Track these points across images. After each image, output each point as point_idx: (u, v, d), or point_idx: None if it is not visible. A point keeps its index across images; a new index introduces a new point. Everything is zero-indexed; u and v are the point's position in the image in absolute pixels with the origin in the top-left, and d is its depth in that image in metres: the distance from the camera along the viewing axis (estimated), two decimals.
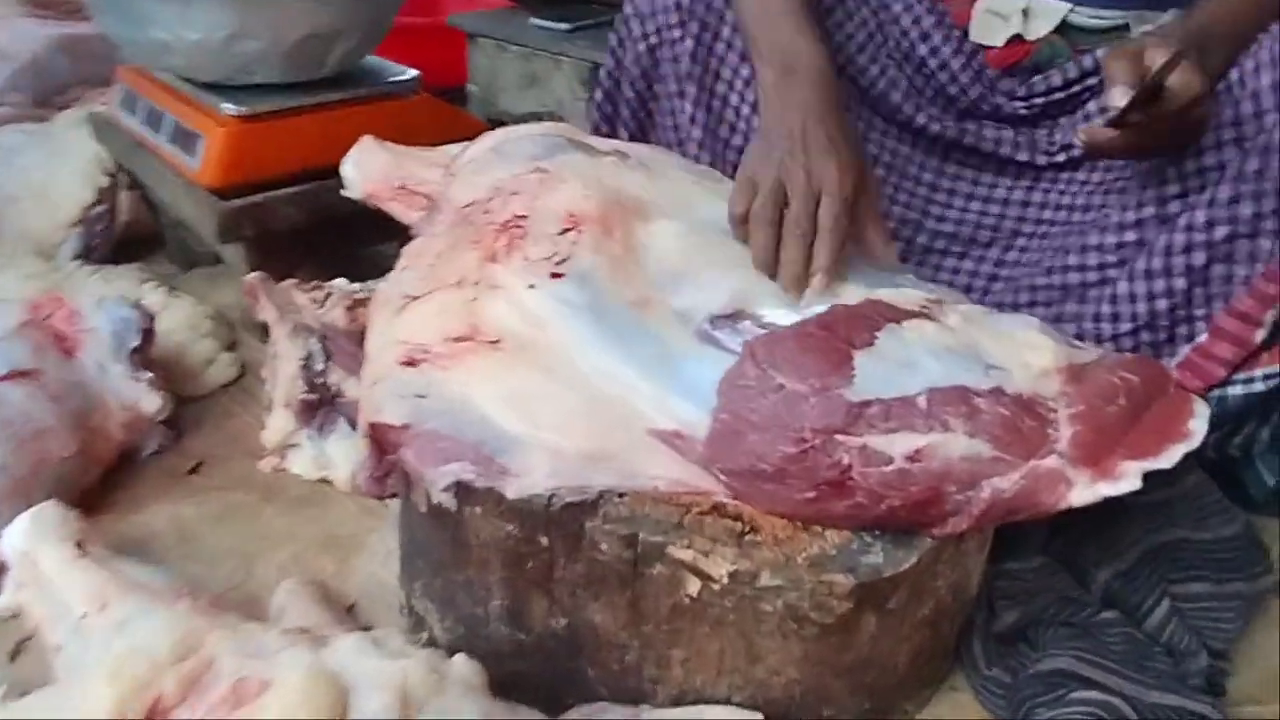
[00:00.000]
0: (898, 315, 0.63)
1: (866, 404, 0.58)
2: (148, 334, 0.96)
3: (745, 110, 0.90)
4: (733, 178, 0.79)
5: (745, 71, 0.89)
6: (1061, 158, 0.88)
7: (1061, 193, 0.88)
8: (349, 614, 0.79)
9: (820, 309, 0.66)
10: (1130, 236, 0.79)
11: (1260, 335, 0.72)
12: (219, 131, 1.05)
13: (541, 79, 1.55)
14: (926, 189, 0.93)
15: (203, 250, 1.33)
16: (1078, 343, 0.67)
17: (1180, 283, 0.75)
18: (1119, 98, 0.67)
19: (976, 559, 0.67)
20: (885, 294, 0.66)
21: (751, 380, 0.61)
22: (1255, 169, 0.70)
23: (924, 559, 0.59)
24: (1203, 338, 0.75)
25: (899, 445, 0.57)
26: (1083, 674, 0.67)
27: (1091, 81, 0.83)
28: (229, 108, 1.06)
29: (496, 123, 1.31)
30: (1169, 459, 0.56)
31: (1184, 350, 0.76)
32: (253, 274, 1.00)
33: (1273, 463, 0.82)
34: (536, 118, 1.29)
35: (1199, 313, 0.76)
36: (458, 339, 0.67)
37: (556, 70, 1.52)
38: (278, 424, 0.94)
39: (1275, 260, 0.70)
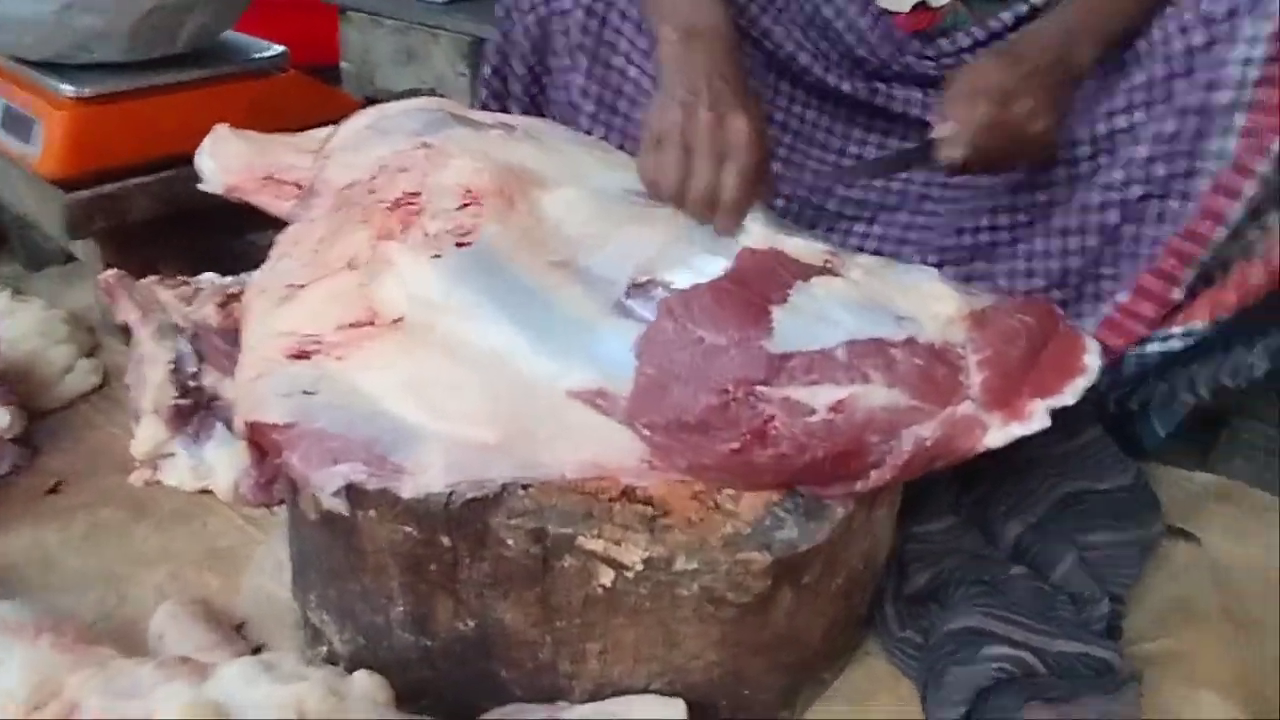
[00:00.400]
0: (805, 272, 0.63)
1: (787, 356, 0.58)
2: None
3: (645, 83, 0.87)
4: (625, 150, 0.77)
5: (641, 42, 0.87)
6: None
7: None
8: (238, 633, 0.73)
9: (726, 263, 0.65)
10: (1040, 197, 0.81)
11: (1178, 294, 0.74)
12: (57, 115, 0.96)
13: (419, 54, 1.48)
14: (835, 155, 0.94)
15: (51, 248, 1.21)
16: (970, 288, 0.68)
17: (1093, 240, 0.77)
18: (950, 149, 0.72)
19: (887, 525, 0.68)
20: (785, 242, 0.66)
21: (670, 334, 0.60)
22: (1172, 131, 0.72)
23: (837, 529, 0.59)
24: (1124, 297, 0.77)
25: (821, 397, 0.57)
26: (992, 630, 0.68)
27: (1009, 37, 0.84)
28: (68, 89, 0.96)
29: (372, 101, 1.24)
30: (1072, 394, 0.58)
31: (1103, 309, 0.78)
32: (109, 271, 0.91)
33: (1165, 416, 0.86)
34: (416, 95, 1.23)
35: (1106, 271, 0.78)
36: (354, 324, 0.62)
37: (435, 45, 1.45)
38: (147, 433, 0.87)
39: (1191, 220, 0.72)
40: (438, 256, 0.65)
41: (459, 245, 0.65)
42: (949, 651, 0.68)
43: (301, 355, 0.61)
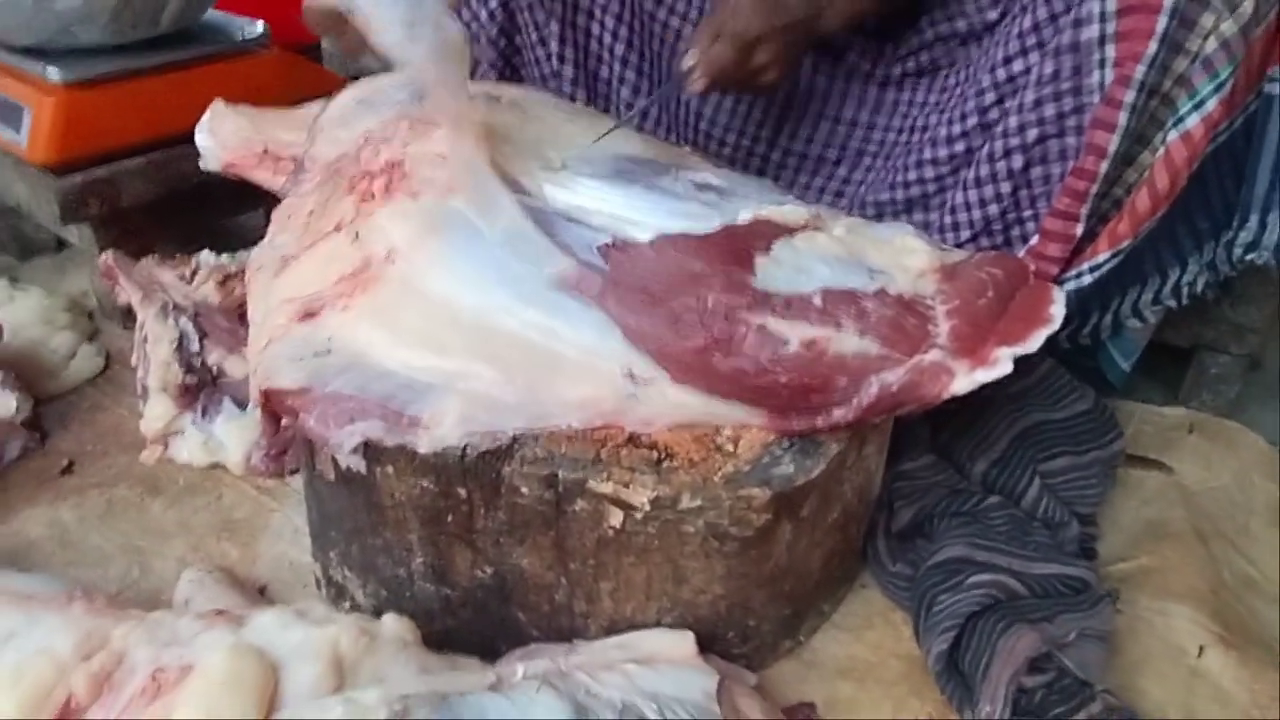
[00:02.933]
0: (790, 230, 0.66)
1: (768, 294, 0.61)
2: None
3: (618, 49, 0.89)
4: (607, 111, 0.78)
5: (605, 1, 0.88)
6: (897, 70, 0.91)
7: (904, 115, 0.93)
8: (262, 596, 0.76)
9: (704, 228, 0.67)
10: (959, 147, 0.84)
11: (1079, 229, 0.77)
12: (46, 102, 0.96)
13: None
14: (779, 109, 0.96)
15: (41, 237, 1.22)
16: (945, 246, 0.71)
17: (1005, 186, 0.80)
18: (690, 84, 0.77)
19: (877, 461, 0.71)
20: (770, 212, 0.68)
21: (651, 257, 0.63)
22: (1051, 71, 0.74)
23: (831, 465, 0.63)
24: (1034, 240, 0.80)
25: (796, 332, 0.60)
26: (976, 558, 0.72)
27: None
28: (55, 74, 0.96)
29: (356, 79, 1.24)
30: (1035, 342, 0.61)
31: (1021, 253, 0.81)
32: (108, 253, 0.93)
33: (1122, 345, 0.89)
34: None
35: (1027, 214, 0.81)
36: (352, 274, 0.65)
37: None
38: (156, 411, 0.89)
39: (1082, 155, 0.74)
40: (416, 212, 0.66)
41: (436, 200, 0.67)
42: (937, 582, 0.71)
43: (309, 315, 0.64)
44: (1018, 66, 0.78)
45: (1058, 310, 0.63)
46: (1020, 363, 0.61)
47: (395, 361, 0.61)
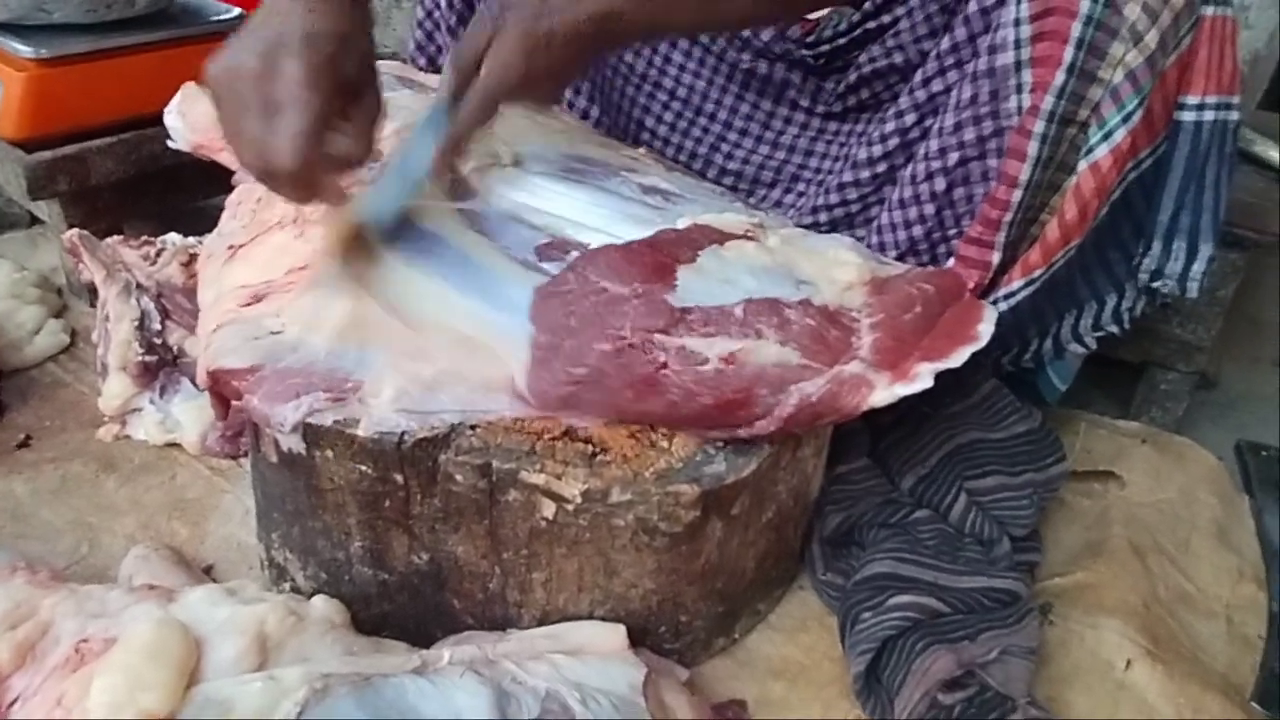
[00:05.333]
0: (721, 237, 0.66)
1: (687, 310, 0.61)
2: None
3: None
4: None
5: None
6: (838, 107, 0.92)
7: (842, 144, 0.94)
8: (207, 575, 0.77)
9: (646, 232, 0.67)
10: (880, 168, 0.85)
11: (996, 257, 0.76)
12: (17, 78, 0.97)
13: (381, 18, 1.49)
14: (720, 126, 0.97)
15: (14, 211, 1.23)
16: (886, 259, 0.72)
17: (929, 208, 0.80)
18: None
19: (814, 464, 0.72)
20: (709, 219, 0.69)
21: (571, 285, 0.63)
22: (970, 96, 0.74)
23: (763, 465, 0.63)
24: (950, 264, 0.79)
25: (715, 348, 0.60)
26: (901, 573, 0.72)
27: (871, 25, 0.87)
28: (26, 50, 0.97)
29: None
30: (958, 359, 0.61)
31: None
32: (72, 231, 0.93)
33: (1061, 369, 0.90)
34: (378, 59, 1.24)
35: (952, 233, 0.81)
36: (300, 269, 0.65)
37: (396, 9, 1.47)
38: (115, 389, 0.89)
39: (995, 184, 0.74)
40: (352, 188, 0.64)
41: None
42: (861, 600, 0.71)
43: (258, 299, 0.64)
44: (936, 86, 0.79)
45: (985, 329, 0.63)
46: (960, 381, 0.61)
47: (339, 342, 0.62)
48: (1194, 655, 0.77)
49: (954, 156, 0.76)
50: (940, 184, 0.78)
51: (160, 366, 0.90)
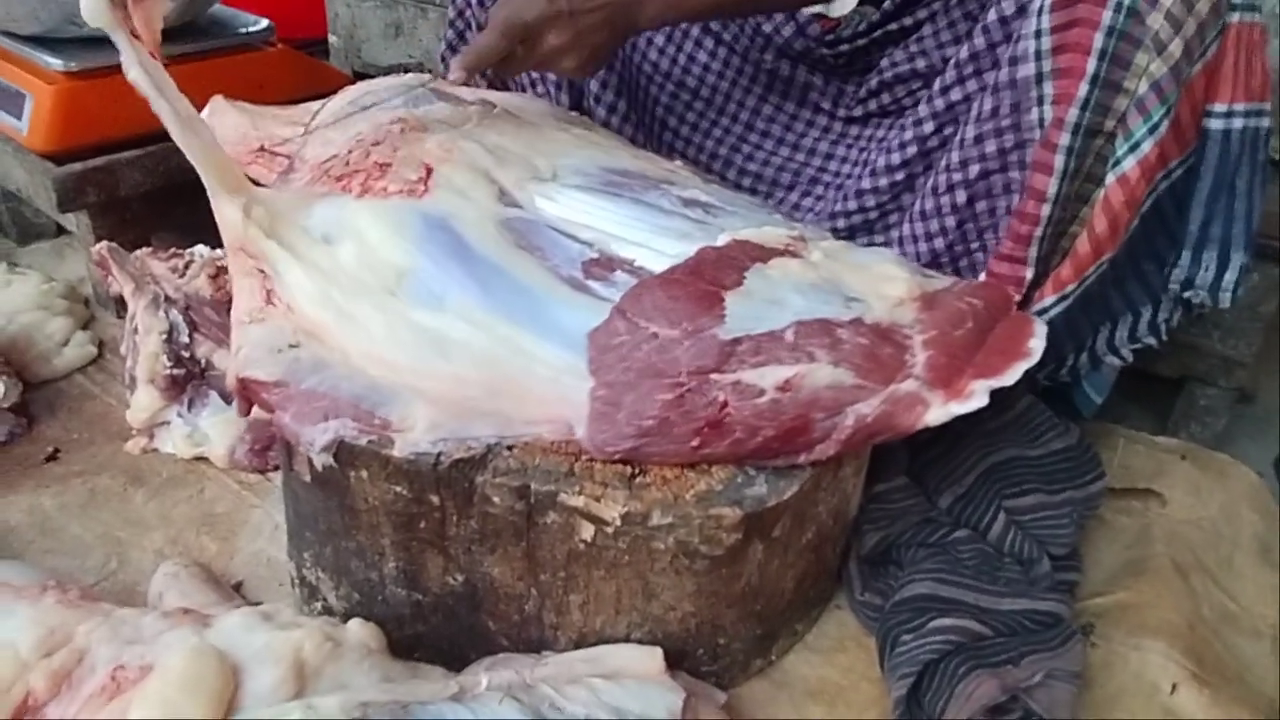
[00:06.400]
0: (764, 255, 0.65)
1: (737, 341, 0.60)
2: None
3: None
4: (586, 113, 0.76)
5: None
6: (859, 111, 0.91)
7: (862, 149, 0.93)
8: (236, 592, 0.76)
9: (687, 246, 0.66)
10: (899, 176, 0.83)
11: (1029, 272, 0.75)
12: (48, 90, 0.97)
13: (407, 28, 1.49)
14: (742, 128, 0.96)
15: (41, 222, 1.23)
16: (929, 272, 0.71)
17: (950, 220, 0.79)
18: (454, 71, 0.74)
19: (854, 483, 0.71)
20: (749, 234, 0.68)
21: (623, 335, 0.62)
22: (991, 108, 0.73)
23: (805, 487, 0.62)
24: (980, 278, 0.78)
25: (769, 378, 0.59)
26: (942, 595, 0.71)
27: (892, 27, 0.86)
28: (57, 64, 0.97)
29: (361, 76, 1.25)
30: (1012, 376, 0.60)
31: None
32: (101, 244, 0.93)
33: (1097, 382, 0.88)
34: (404, 70, 1.24)
35: (975, 245, 0.80)
36: None
37: (423, 19, 1.46)
38: (143, 402, 0.89)
39: (1023, 199, 0.72)
40: (386, 211, 0.66)
41: (411, 198, 0.67)
42: (901, 621, 0.70)
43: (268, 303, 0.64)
44: (955, 95, 0.78)
45: (1037, 344, 0.62)
46: (998, 397, 0.60)
47: (361, 364, 0.61)
48: (1240, 678, 0.75)
49: (975, 169, 0.75)
50: (961, 196, 0.77)
51: (188, 380, 0.90)
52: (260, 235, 0.66)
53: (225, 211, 0.68)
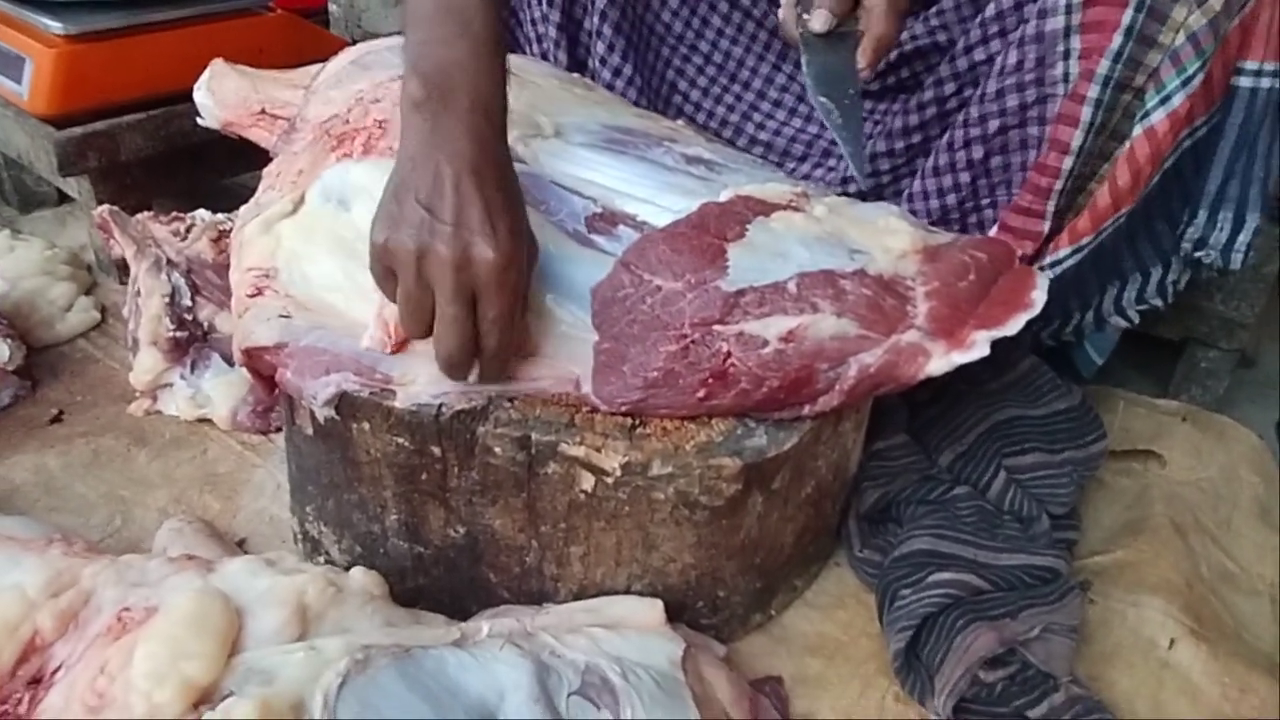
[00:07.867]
0: (766, 209, 0.65)
1: (741, 293, 0.60)
2: None
3: (599, 2, 0.89)
4: (583, 74, 0.74)
5: None
6: (876, 86, 0.90)
7: (877, 122, 0.92)
8: (240, 549, 0.77)
9: (691, 202, 0.66)
10: (915, 139, 0.83)
11: (1044, 225, 0.74)
12: (48, 53, 0.96)
13: None
14: (754, 95, 0.95)
15: (43, 189, 1.23)
16: (933, 228, 0.70)
17: (964, 176, 0.78)
18: (818, 23, 0.71)
19: (854, 439, 0.71)
20: (753, 189, 0.68)
21: (627, 288, 0.62)
22: (1015, 61, 0.72)
23: (804, 439, 0.63)
24: (993, 232, 0.77)
25: (773, 328, 0.59)
26: (941, 550, 0.71)
27: None
28: (57, 26, 0.97)
29: (357, 42, 1.24)
30: (1014, 326, 0.60)
31: None
32: (103, 207, 0.93)
33: (1099, 342, 0.88)
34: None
35: (985, 202, 0.79)
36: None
37: None
38: (146, 364, 0.89)
39: (1045, 150, 0.72)
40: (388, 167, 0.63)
41: None
42: (900, 576, 0.70)
43: (257, 294, 0.64)
44: (979, 55, 0.77)
45: (1039, 295, 0.62)
46: (1001, 357, 0.60)
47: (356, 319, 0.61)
48: (1237, 634, 0.76)
49: (994, 124, 0.75)
50: (978, 152, 0.76)
51: (190, 342, 0.90)
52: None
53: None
